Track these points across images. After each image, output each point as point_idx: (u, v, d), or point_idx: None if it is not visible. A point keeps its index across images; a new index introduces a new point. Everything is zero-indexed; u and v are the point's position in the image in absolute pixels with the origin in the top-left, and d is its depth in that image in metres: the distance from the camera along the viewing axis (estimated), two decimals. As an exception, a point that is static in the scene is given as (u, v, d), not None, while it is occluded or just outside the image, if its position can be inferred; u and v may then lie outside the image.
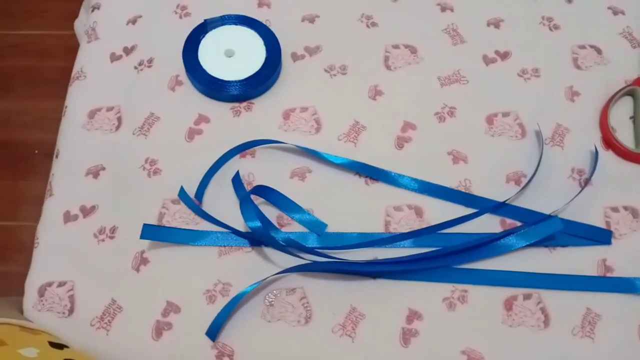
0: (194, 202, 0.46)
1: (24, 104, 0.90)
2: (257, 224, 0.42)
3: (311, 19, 0.54)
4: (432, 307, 0.43)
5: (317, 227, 0.45)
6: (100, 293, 0.44)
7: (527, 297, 0.44)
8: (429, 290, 0.44)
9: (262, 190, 0.46)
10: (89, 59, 0.53)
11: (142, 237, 0.43)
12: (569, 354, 0.42)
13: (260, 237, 0.43)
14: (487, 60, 0.52)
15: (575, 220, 0.46)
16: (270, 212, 0.46)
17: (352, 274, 0.44)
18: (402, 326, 0.43)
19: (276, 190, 0.45)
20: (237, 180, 0.46)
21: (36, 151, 0.88)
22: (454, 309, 0.43)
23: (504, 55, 0.53)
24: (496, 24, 0.54)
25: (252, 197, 0.45)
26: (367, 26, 0.54)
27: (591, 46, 0.53)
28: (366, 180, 0.48)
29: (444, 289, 0.44)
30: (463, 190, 0.47)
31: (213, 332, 0.42)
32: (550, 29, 0.54)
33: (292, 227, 0.46)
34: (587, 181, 0.47)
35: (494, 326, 0.43)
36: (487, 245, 0.44)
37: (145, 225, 0.44)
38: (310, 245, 0.44)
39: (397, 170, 0.48)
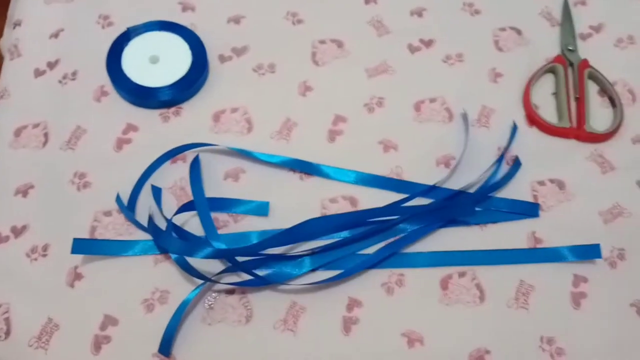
0: (127, 210, 0.45)
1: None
2: (177, 255, 0.42)
3: (237, 20, 0.54)
4: (371, 293, 0.44)
5: (260, 210, 0.46)
6: (36, 312, 0.43)
7: (461, 274, 0.45)
8: (367, 278, 0.44)
9: (188, 206, 0.45)
10: (13, 77, 0.52)
11: (73, 252, 0.43)
12: (505, 325, 0.44)
13: (182, 266, 0.43)
14: (412, 49, 0.54)
15: (503, 197, 0.48)
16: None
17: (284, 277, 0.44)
18: (343, 315, 0.43)
19: (200, 198, 0.45)
20: (156, 195, 0.46)
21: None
22: (392, 293, 0.44)
23: (428, 43, 0.54)
24: (419, 12, 0.55)
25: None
26: (293, 23, 0.54)
27: (511, 28, 0.55)
28: (301, 176, 0.48)
29: (382, 274, 0.44)
30: (395, 177, 0.48)
31: (166, 348, 0.41)
32: (472, 14, 0.56)
33: (235, 225, 0.46)
34: (502, 155, 0.48)
35: (432, 306, 0.44)
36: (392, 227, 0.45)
37: (75, 239, 0.43)
38: (248, 244, 0.45)
39: (331, 163, 0.48)
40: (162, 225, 0.45)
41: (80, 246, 0.43)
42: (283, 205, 0.47)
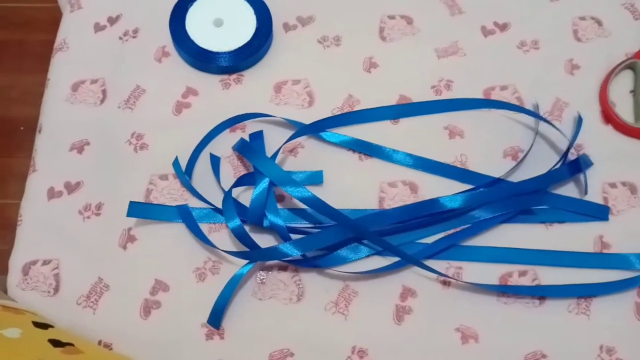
0: (185, 175, 0.44)
1: (9, 79, 0.88)
2: (237, 223, 0.41)
3: (304, -12, 0.52)
4: (426, 284, 0.42)
5: (314, 178, 0.44)
6: (87, 271, 0.43)
7: (522, 273, 0.43)
8: (423, 267, 0.43)
9: (247, 178, 0.44)
10: (72, 30, 0.51)
11: (129, 214, 0.42)
12: (564, 330, 0.42)
13: (239, 238, 0.41)
14: (486, 32, 0.51)
15: (572, 197, 0.45)
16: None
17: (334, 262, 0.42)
18: (396, 303, 0.42)
19: (258, 166, 0.43)
20: (215, 164, 0.44)
21: (22, 128, 0.86)
22: (448, 285, 0.43)
23: (503, 27, 0.51)
24: (495, -7, 0.52)
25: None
26: (362, -5, 0.52)
27: (592, 18, 0.51)
28: (360, 156, 0.46)
29: (439, 266, 0.43)
30: (459, 166, 0.46)
31: (216, 320, 0.41)
32: (551, 0, 0.52)
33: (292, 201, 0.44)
34: (567, 150, 0.45)
35: (489, 303, 0.42)
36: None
37: (131, 202, 0.42)
38: (304, 224, 0.43)
39: (393, 145, 0.46)
40: (215, 195, 0.44)
41: (136, 209, 0.42)
42: (340, 185, 0.45)
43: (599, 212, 0.45)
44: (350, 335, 0.41)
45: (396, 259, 0.42)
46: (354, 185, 0.45)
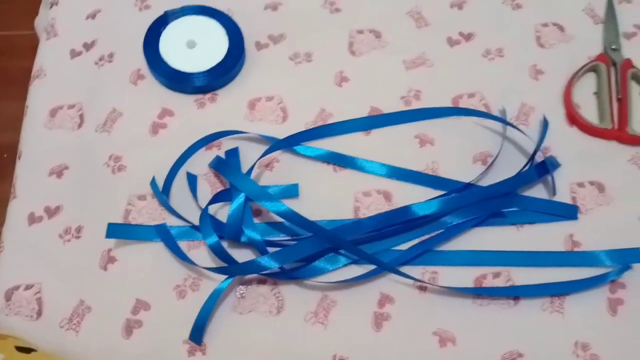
0: (162, 195, 0.45)
1: (-8, 107, 0.88)
2: (214, 239, 0.42)
3: (274, 7, 0.53)
4: (403, 290, 0.43)
5: (290, 192, 0.46)
6: (68, 294, 0.43)
7: (496, 275, 0.44)
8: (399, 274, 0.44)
9: (223, 194, 0.45)
10: (49, 57, 0.52)
11: (108, 236, 0.43)
12: (539, 328, 0.43)
13: (217, 254, 0.42)
14: (452, 42, 0.52)
15: (541, 198, 0.47)
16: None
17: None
18: (374, 310, 0.43)
19: (234, 182, 0.44)
20: (192, 182, 0.45)
21: (5, 155, 0.86)
22: (425, 290, 0.44)
23: (468, 37, 0.53)
24: (459, 5, 0.54)
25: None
26: (331, 12, 0.53)
27: (554, 24, 0.53)
28: (334, 168, 0.48)
29: (415, 271, 0.44)
30: (430, 173, 0.47)
31: (197, 335, 0.41)
32: (513, 8, 0.54)
33: (269, 215, 0.45)
34: (534, 153, 0.47)
35: (465, 306, 0.43)
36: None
37: (109, 224, 0.43)
38: (281, 237, 0.44)
39: (365, 155, 0.48)
40: (193, 212, 0.45)
41: (115, 230, 0.43)
42: (316, 197, 0.46)
43: (568, 212, 0.46)
44: (331, 344, 0.42)
45: (373, 267, 0.43)
46: (330, 196, 0.46)
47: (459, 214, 0.45)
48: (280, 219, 0.44)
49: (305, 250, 0.42)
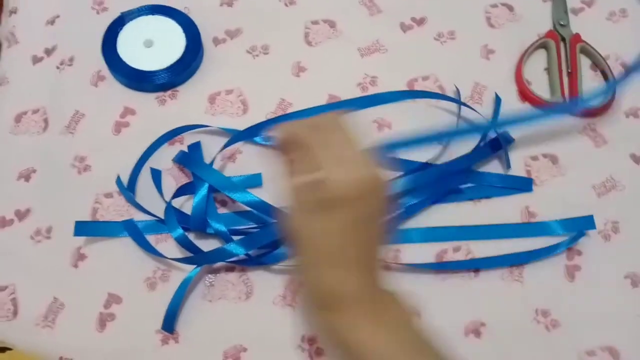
0: (128, 191, 0.46)
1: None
2: (179, 232, 0.43)
3: (229, 3, 0.54)
4: (367, 269, 0.45)
5: (253, 181, 0.47)
6: (42, 293, 0.44)
7: (456, 249, 0.46)
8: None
9: (187, 188, 0.46)
10: (11, 64, 0.52)
11: (76, 234, 0.44)
12: (500, 298, 0.45)
13: (184, 246, 0.44)
14: (405, 28, 0.54)
15: (496, 173, 0.48)
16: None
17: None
18: (340, 290, 0.44)
19: (199, 174, 0.45)
20: (156, 177, 0.46)
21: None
22: (388, 268, 0.45)
23: (420, 21, 0.54)
24: (396, -9, 0.55)
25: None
26: (286, 4, 0.54)
27: (503, 4, 0.55)
28: (296, 156, 0.49)
29: (377, 250, 0.45)
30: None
31: (169, 324, 0.42)
32: (464, -8, 0.56)
33: (234, 205, 0.46)
34: (487, 128, 0.48)
35: (428, 280, 0.45)
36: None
37: (77, 222, 0.44)
38: (247, 226, 0.45)
39: (326, 142, 0.49)
40: (160, 207, 0.46)
41: (82, 228, 0.44)
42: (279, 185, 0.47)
43: (523, 185, 0.48)
44: (299, 325, 0.44)
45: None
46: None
47: (418, 193, 0.47)
48: (245, 208, 0.46)
49: (269, 236, 0.43)
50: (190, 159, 0.47)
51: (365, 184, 0.28)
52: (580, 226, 0.46)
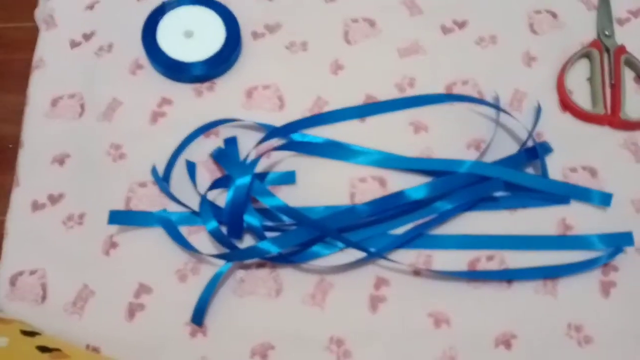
0: (163, 182, 0.46)
1: (-5, 99, 0.89)
2: (214, 224, 0.43)
3: (270, -4, 0.54)
4: (399, 273, 0.44)
5: (287, 178, 0.46)
6: (72, 279, 0.44)
7: (489, 258, 0.45)
8: (395, 257, 0.44)
9: (222, 181, 0.45)
10: (48, 47, 0.53)
11: (110, 222, 0.44)
12: (533, 310, 0.44)
13: (217, 239, 0.43)
14: (445, 30, 0.53)
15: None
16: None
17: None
18: (370, 293, 0.44)
19: (236, 174, 0.45)
20: (191, 169, 0.46)
21: (10, 145, 0.87)
22: (419, 274, 0.44)
23: (462, 24, 0.53)
24: (453, -7, 0.55)
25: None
26: (326, 1, 0.54)
27: (547, 11, 0.54)
28: (331, 154, 0.48)
29: (410, 254, 0.45)
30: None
31: (198, 317, 0.42)
32: (507, -4, 0.55)
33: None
34: (527, 138, 0.47)
35: (459, 288, 0.44)
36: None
37: (111, 211, 0.44)
38: (279, 223, 0.45)
39: (361, 142, 0.48)
40: (192, 199, 0.46)
41: (117, 217, 0.44)
42: (313, 183, 0.47)
43: (561, 196, 0.47)
44: (328, 326, 0.43)
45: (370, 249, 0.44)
46: (326, 182, 0.47)
47: (451, 199, 0.46)
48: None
49: (304, 236, 0.43)
50: (226, 157, 0.46)
51: None
52: (619, 242, 0.45)
